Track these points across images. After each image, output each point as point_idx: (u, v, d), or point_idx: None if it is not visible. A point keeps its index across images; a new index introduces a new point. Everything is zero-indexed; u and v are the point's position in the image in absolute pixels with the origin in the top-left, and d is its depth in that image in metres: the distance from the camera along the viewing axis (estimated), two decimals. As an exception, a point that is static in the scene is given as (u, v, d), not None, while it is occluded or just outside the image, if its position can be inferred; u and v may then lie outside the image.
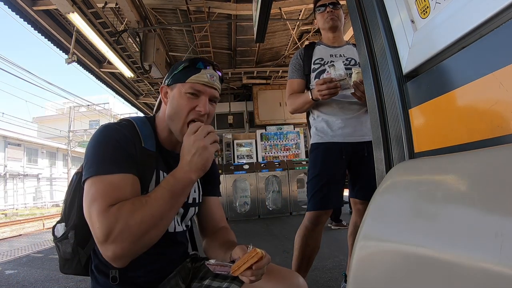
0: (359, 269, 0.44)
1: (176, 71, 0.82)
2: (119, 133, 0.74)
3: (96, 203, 0.63)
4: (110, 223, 0.61)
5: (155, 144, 0.82)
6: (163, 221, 0.68)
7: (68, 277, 2.52)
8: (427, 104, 0.49)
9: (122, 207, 0.63)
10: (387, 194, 0.47)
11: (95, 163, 0.68)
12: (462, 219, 0.31)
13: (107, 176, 0.66)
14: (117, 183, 0.66)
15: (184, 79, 0.80)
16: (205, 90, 0.80)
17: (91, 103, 19.48)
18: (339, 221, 3.76)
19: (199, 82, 0.79)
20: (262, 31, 2.84)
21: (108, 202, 0.63)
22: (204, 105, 0.80)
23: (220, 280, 0.80)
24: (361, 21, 0.66)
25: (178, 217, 0.87)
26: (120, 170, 0.68)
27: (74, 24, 3.79)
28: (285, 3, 4.42)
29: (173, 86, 0.82)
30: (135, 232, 0.62)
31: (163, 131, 0.85)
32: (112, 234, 0.61)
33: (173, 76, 0.82)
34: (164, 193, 0.67)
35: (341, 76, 1.34)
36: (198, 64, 0.81)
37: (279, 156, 6.54)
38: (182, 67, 0.81)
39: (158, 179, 0.79)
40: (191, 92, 0.79)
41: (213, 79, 0.81)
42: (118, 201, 0.65)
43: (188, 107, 0.79)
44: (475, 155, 0.36)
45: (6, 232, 8.34)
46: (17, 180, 18.19)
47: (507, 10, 0.35)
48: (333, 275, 2.15)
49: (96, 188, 0.65)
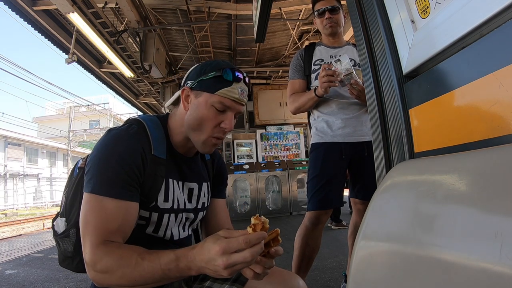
0: (359, 269, 0.44)
1: (205, 77, 0.74)
2: (126, 146, 0.69)
3: (88, 235, 0.63)
4: (95, 260, 0.61)
5: (166, 149, 0.77)
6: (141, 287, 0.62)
7: (68, 277, 2.52)
8: (427, 104, 0.49)
9: (110, 253, 0.61)
10: (387, 194, 0.47)
11: (95, 178, 0.66)
12: (462, 219, 0.31)
13: (103, 198, 0.65)
14: (110, 211, 0.65)
15: (213, 90, 0.73)
16: (234, 107, 0.75)
17: (91, 103, 19.50)
18: (339, 221, 3.76)
19: (229, 97, 0.73)
20: (262, 31, 2.84)
21: (99, 238, 0.63)
22: (230, 122, 0.75)
23: (221, 282, 0.79)
24: (361, 21, 0.66)
25: (187, 223, 0.85)
26: (116, 195, 0.66)
27: (74, 24, 3.79)
28: (285, 3, 4.42)
29: (199, 93, 0.75)
30: (114, 280, 0.61)
31: (178, 135, 0.80)
32: (96, 268, 0.61)
33: (200, 81, 0.75)
34: (157, 270, 0.59)
35: (348, 71, 1.34)
36: (229, 75, 0.73)
37: (279, 156, 6.54)
38: (213, 75, 0.73)
39: (167, 188, 0.77)
40: (220, 108, 0.74)
41: (243, 95, 0.76)
42: (109, 233, 0.64)
43: (214, 122, 0.74)
44: (475, 155, 0.36)
45: (6, 232, 8.34)
46: (17, 180, 18.19)
47: (507, 10, 0.35)
48: (333, 275, 2.15)
49: (91, 212, 0.65)
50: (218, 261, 0.53)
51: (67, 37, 4.58)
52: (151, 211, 0.75)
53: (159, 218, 0.76)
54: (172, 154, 0.80)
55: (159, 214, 0.76)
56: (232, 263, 0.53)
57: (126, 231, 0.68)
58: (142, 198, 0.71)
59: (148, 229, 0.76)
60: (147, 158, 0.72)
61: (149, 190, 0.73)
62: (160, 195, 0.75)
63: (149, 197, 0.73)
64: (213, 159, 0.96)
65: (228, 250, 0.53)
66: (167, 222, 0.78)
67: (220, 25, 5.06)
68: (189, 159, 0.84)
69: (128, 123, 0.78)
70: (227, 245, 0.53)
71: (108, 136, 0.71)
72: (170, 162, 0.79)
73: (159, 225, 0.77)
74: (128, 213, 0.68)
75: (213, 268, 0.55)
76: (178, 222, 0.81)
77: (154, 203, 0.74)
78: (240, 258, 0.52)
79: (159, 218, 0.76)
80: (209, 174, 0.93)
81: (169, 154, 0.79)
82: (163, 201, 0.76)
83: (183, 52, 5.79)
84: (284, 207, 5.34)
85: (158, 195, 0.75)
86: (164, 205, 0.76)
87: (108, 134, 0.72)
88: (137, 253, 0.61)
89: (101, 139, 0.72)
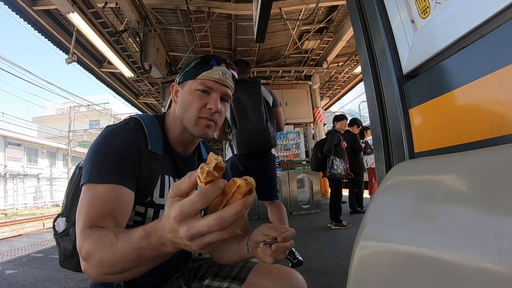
0: (359, 269, 0.44)
1: (188, 68, 0.79)
2: (121, 139, 0.70)
3: (79, 223, 0.61)
4: (80, 245, 0.57)
5: (162, 145, 0.79)
6: (126, 274, 0.53)
7: (68, 277, 2.52)
8: (427, 104, 0.49)
9: (90, 236, 0.56)
10: (387, 194, 0.47)
11: (88, 169, 0.66)
12: (462, 219, 0.31)
13: (96, 186, 0.64)
14: (101, 195, 0.63)
15: (195, 76, 0.77)
16: (217, 87, 0.77)
17: (91, 103, 19.53)
18: (339, 221, 3.76)
19: (210, 78, 0.76)
20: (262, 31, 2.84)
21: (87, 223, 0.60)
22: (215, 102, 0.76)
23: (220, 279, 0.79)
24: (361, 21, 0.66)
25: None
26: (109, 180, 0.64)
27: (74, 24, 3.79)
28: (285, 3, 4.42)
29: (184, 83, 0.80)
30: (96, 268, 0.54)
31: (173, 130, 0.82)
32: (81, 254, 0.57)
33: (185, 74, 0.80)
34: (130, 250, 0.49)
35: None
36: (210, 61, 0.78)
37: (279, 156, 6.54)
38: (194, 63, 0.78)
39: (163, 184, 0.77)
40: (202, 88, 0.76)
41: (225, 77, 0.78)
42: (98, 218, 0.61)
43: (198, 103, 0.76)
44: (475, 155, 0.36)
45: (6, 232, 8.34)
46: (17, 180, 18.20)
47: (507, 10, 0.35)
48: (333, 275, 2.15)
49: (83, 200, 0.63)
50: (180, 232, 0.41)
51: (67, 37, 4.59)
52: (146, 206, 0.75)
53: (155, 214, 0.76)
54: (169, 151, 0.81)
55: (154, 210, 0.76)
56: (195, 233, 0.40)
57: (117, 217, 0.63)
58: (137, 193, 0.71)
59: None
60: (143, 152, 0.72)
61: (145, 185, 0.73)
62: (156, 190, 0.75)
63: (144, 192, 0.73)
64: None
65: (184, 214, 0.40)
66: None
67: (220, 25, 5.06)
68: (186, 157, 0.84)
69: (125, 120, 0.79)
70: (181, 208, 0.40)
71: (104, 131, 0.72)
72: (167, 159, 0.80)
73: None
74: (120, 198, 0.64)
75: (181, 242, 0.42)
76: None
77: (149, 198, 0.75)
78: (204, 227, 0.39)
79: (155, 214, 0.76)
80: None
81: (166, 151, 0.80)
82: (159, 196, 0.76)
83: (183, 52, 5.79)
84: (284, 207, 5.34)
85: (154, 191, 0.75)
86: (160, 201, 0.76)
87: (104, 130, 0.73)
88: (114, 233, 0.53)
89: (99, 136, 0.72)
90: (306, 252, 2.71)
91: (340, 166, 3.64)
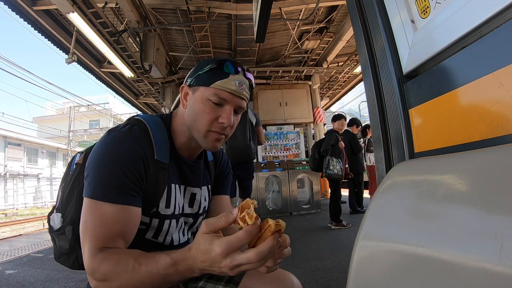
0: (359, 269, 0.44)
1: (201, 71, 0.71)
2: (126, 150, 0.66)
3: (87, 242, 0.60)
4: (93, 268, 0.58)
5: (169, 153, 0.74)
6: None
7: (68, 277, 2.52)
8: (427, 104, 0.49)
9: (107, 260, 0.58)
10: (387, 194, 0.47)
11: (94, 183, 0.63)
12: (462, 219, 0.31)
13: (103, 204, 0.62)
14: (109, 216, 0.62)
15: (208, 83, 0.69)
16: (231, 100, 0.70)
17: (91, 103, 19.52)
18: (339, 221, 3.76)
19: (225, 89, 0.69)
20: (262, 31, 2.84)
21: (97, 245, 0.60)
22: (228, 116, 0.70)
23: (214, 281, 0.77)
24: (361, 21, 0.66)
25: (186, 227, 0.83)
26: (116, 200, 0.63)
27: (74, 24, 3.79)
28: (285, 3, 4.42)
29: (196, 88, 0.72)
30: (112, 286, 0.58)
31: (181, 136, 0.77)
32: (95, 276, 0.58)
33: (197, 77, 0.72)
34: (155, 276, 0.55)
35: None
36: (226, 68, 0.70)
37: (279, 156, 6.54)
38: (209, 68, 0.70)
39: (169, 194, 0.74)
40: (215, 101, 0.70)
41: (241, 88, 0.71)
42: (108, 240, 0.61)
43: (210, 116, 0.70)
44: (475, 155, 0.36)
45: (6, 232, 8.35)
46: (17, 180, 18.20)
47: (507, 10, 0.35)
48: (333, 275, 2.15)
49: (90, 218, 0.62)
50: (223, 263, 0.49)
51: (67, 37, 4.59)
52: (151, 217, 0.73)
53: (160, 224, 0.74)
54: (175, 158, 0.77)
55: (159, 220, 0.74)
56: (237, 264, 0.49)
57: (127, 236, 0.64)
58: (143, 204, 0.69)
59: (148, 234, 0.74)
60: (149, 164, 0.69)
61: (151, 196, 0.70)
62: (162, 201, 0.73)
63: (150, 203, 0.71)
64: (216, 160, 0.93)
65: (231, 249, 0.49)
66: (167, 228, 0.76)
67: (220, 25, 5.06)
68: (192, 163, 0.81)
69: (129, 123, 0.73)
70: (228, 245, 0.49)
71: (108, 138, 0.67)
72: (173, 166, 0.76)
73: (159, 230, 0.75)
74: (129, 218, 0.64)
75: (218, 270, 0.51)
76: (178, 227, 0.80)
77: (155, 209, 0.72)
78: (245, 260, 0.48)
79: (159, 224, 0.74)
80: (211, 176, 0.91)
81: (172, 158, 0.76)
82: (165, 207, 0.74)
83: (183, 52, 5.79)
84: (284, 207, 5.34)
85: (160, 202, 0.72)
86: (165, 211, 0.74)
87: (108, 135, 0.68)
88: (133, 258, 0.57)
89: (101, 140, 0.69)
90: (306, 252, 2.71)
91: (336, 166, 3.64)
